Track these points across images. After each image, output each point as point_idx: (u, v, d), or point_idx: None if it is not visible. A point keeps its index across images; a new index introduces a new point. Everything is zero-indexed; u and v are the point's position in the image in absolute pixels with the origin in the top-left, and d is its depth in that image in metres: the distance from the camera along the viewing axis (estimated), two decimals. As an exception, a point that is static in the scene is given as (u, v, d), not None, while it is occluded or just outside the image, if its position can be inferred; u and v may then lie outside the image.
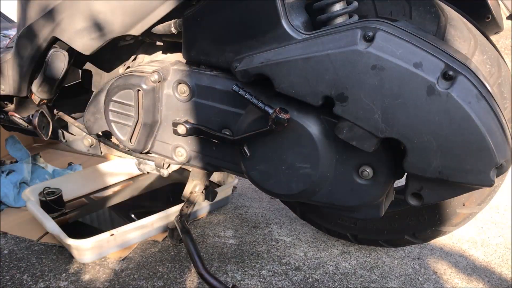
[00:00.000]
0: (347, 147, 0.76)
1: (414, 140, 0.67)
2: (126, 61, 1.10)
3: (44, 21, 0.94)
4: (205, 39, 0.85)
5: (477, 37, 0.82)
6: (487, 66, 0.82)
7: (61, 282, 1.11)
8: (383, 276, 1.15)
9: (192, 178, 1.08)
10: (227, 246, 1.26)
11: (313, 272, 1.16)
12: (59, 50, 0.99)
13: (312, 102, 0.73)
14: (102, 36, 0.91)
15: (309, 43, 0.73)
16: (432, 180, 0.70)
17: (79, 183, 1.51)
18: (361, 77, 0.68)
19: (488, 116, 0.65)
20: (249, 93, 0.79)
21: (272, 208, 1.48)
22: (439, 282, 1.12)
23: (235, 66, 0.80)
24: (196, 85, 0.89)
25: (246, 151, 0.85)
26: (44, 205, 1.33)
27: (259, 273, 1.15)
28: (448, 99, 0.64)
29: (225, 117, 0.88)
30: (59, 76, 1.01)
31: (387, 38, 0.67)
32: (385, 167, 0.78)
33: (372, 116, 0.68)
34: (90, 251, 1.16)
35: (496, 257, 1.22)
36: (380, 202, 0.84)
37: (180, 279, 1.12)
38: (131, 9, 0.86)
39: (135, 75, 0.94)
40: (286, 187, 0.85)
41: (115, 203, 1.49)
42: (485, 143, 0.64)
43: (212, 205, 1.43)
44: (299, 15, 0.80)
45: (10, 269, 1.15)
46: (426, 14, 0.82)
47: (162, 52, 1.07)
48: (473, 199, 0.98)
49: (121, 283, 1.10)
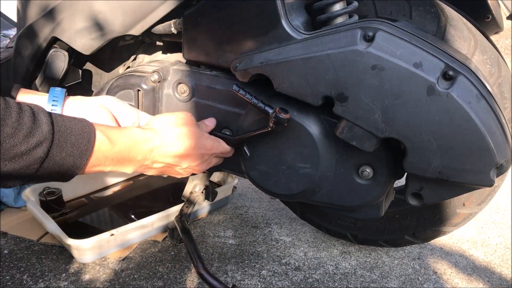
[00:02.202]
0: (347, 147, 0.76)
1: (414, 140, 0.67)
2: (126, 61, 1.10)
3: (44, 21, 0.94)
4: (205, 39, 0.85)
5: (477, 37, 0.82)
6: (487, 66, 0.82)
7: (61, 282, 1.11)
8: (383, 276, 1.15)
9: (192, 178, 1.08)
10: (227, 246, 1.26)
11: (313, 272, 1.16)
12: (59, 50, 0.99)
13: (312, 102, 0.73)
14: (102, 36, 0.91)
15: (309, 43, 0.73)
16: (432, 180, 0.70)
17: (79, 183, 1.51)
18: (361, 77, 0.68)
19: (488, 116, 0.65)
20: (249, 93, 0.79)
21: (272, 208, 1.48)
22: (439, 282, 1.12)
23: (235, 66, 0.80)
24: (196, 85, 0.89)
25: (246, 151, 0.85)
26: (44, 205, 1.33)
27: (259, 273, 1.15)
28: (448, 99, 0.64)
29: (225, 117, 0.88)
30: (59, 76, 1.01)
31: (387, 38, 0.67)
32: (385, 167, 0.78)
33: (372, 116, 0.68)
34: (90, 251, 1.16)
35: (496, 257, 1.22)
36: (380, 202, 0.84)
37: (180, 279, 1.12)
38: (131, 9, 0.86)
39: (135, 75, 0.94)
40: (286, 187, 0.85)
41: (115, 203, 1.49)
42: (485, 143, 0.64)
43: (212, 205, 1.43)
44: (299, 15, 0.80)
45: (10, 269, 1.15)
46: (426, 14, 0.82)
47: (162, 52, 1.07)
48: (473, 199, 0.98)
49: (121, 283, 1.10)
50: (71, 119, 0.59)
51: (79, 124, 0.59)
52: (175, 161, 0.74)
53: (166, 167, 0.75)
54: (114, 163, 0.65)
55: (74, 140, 0.57)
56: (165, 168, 0.75)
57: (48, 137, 0.54)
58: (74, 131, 0.58)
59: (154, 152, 0.71)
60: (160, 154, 0.71)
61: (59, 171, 0.57)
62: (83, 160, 0.59)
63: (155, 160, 0.72)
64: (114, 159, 0.64)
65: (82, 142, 0.58)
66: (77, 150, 0.58)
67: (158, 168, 0.74)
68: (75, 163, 0.58)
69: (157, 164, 0.73)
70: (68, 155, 0.57)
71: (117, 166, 0.66)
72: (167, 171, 0.77)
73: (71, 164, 0.58)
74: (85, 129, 0.59)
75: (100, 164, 0.62)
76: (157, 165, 0.73)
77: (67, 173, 0.59)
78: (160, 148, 0.71)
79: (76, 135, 0.58)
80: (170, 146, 0.72)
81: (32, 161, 0.53)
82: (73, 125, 0.58)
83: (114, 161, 0.65)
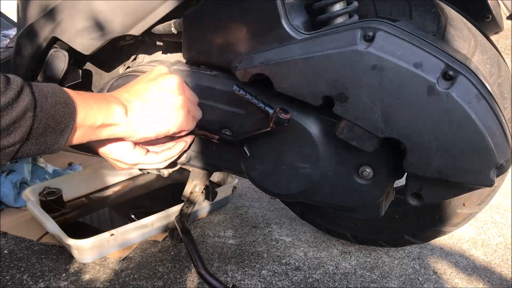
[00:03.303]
0: (347, 147, 0.76)
1: (414, 140, 0.67)
2: (126, 61, 1.10)
3: (44, 21, 0.94)
4: (205, 39, 0.85)
5: (477, 37, 0.82)
6: (487, 66, 0.82)
7: (61, 282, 1.11)
8: (383, 276, 1.15)
9: (192, 178, 1.08)
10: (227, 246, 1.26)
11: (313, 272, 1.16)
12: (59, 50, 0.99)
13: (312, 102, 0.73)
14: (102, 36, 0.91)
15: (309, 43, 0.73)
16: (432, 180, 0.70)
17: (79, 183, 1.51)
18: (361, 77, 0.68)
19: (488, 116, 0.65)
20: (249, 93, 0.79)
21: (272, 208, 1.48)
22: (439, 282, 1.12)
23: (235, 66, 0.80)
24: (196, 85, 0.89)
25: (246, 151, 0.85)
26: (44, 205, 1.33)
27: (259, 273, 1.15)
28: (448, 99, 0.64)
29: (225, 117, 0.88)
30: (59, 76, 1.01)
31: (387, 38, 0.67)
32: (385, 167, 0.78)
33: (372, 116, 0.68)
34: (90, 251, 1.16)
35: (496, 257, 1.22)
36: (380, 202, 0.84)
37: (180, 279, 1.12)
38: (131, 9, 0.86)
39: (135, 75, 0.94)
40: (286, 187, 0.85)
41: (115, 203, 1.49)
42: (485, 143, 0.64)
43: (212, 205, 1.43)
44: (299, 15, 0.80)
45: (10, 269, 1.15)
46: (426, 14, 0.82)
47: (162, 52, 1.07)
48: (473, 199, 0.98)
49: (121, 283, 1.10)
50: (45, 85, 0.61)
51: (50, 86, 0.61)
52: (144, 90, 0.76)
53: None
54: (97, 102, 0.66)
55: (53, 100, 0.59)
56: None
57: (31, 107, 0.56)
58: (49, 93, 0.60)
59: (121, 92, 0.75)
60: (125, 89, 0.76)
61: (52, 125, 0.59)
62: (71, 107, 0.61)
63: (126, 97, 0.74)
64: (95, 98, 0.67)
65: (61, 97, 0.60)
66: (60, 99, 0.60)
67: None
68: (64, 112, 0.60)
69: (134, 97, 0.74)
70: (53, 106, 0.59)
71: (101, 108, 0.67)
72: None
73: (62, 113, 0.60)
74: (55, 88, 0.61)
75: (87, 106, 0.64)
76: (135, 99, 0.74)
77: (60, 126, 0.60)
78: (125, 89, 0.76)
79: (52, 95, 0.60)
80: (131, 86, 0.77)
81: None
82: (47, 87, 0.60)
83: (96, 100, 0.66)
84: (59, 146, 0.62)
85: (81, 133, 0.64)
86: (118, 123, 0.70)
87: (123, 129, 0.71)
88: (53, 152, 0.62)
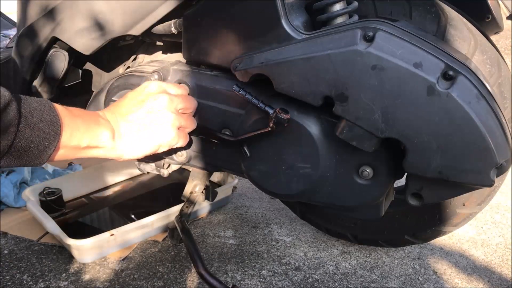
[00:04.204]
0: (347, 147, 0.76)
1: (414, 140, 0.67)
2: (126, 61, 1.10)
3: (44, 21, 0.94)
4: (205, 39, 0.85)
5: (477, 37, 0.82)
6: (487, 66, 0.82)
7: (61, 282, 1.11)
8: (383, 276, 1.15)
9: (192, 178, 1.08)
10: (227, 246, 1.26)
11: (313, 272, 1.16)
12: (59, 50, 0.99)
13: (312, 102, 0.73)
14: (102, 36, 0.91)
15: (309, 43, 0.73)
16: (432, 180, 0.70)
17: (79, 183, 1.51)
18: (361, 77, 0.68)
19: (488, 116, 0.65)
20: (249, 93, 0.79)
21: (272, 208, 1.48)
22: (439, 282, 1.12)
23: (235, 66, 0.80)
24: (196, 85, 0.89)
25: (246, 151, 0.85)
26: (44, 205, 1.33)
27: (259, 273, 1.15)
28: (448, 99, 0.64)
29: (225, 117, 0.88)
30: (59, 76, 1.01)
31: (387, 38, 0.67)
32: (385, 167, 0.78)
33: (372, 116, 0.68)
34: (90, 251, 1.16)
35: (496, 257, 1.22)
36: (380, 202, 0.84)
37: (180, 279, 1.12)
38: (131, 9, 0.86)
39: (135, 75, 0.94)
40: (286, 187, 0.85)
41: (115, 203, 1.49)
42: (485, 143, 0.64)
43: (212, 205, 1.43)
44: (299, 15, 0.80)
45: (10, 269, 1.15)
46: (426, 14, 0.82)
47: (162, 52, 1.07)
48: (473, 199, 0.98)
49: (121, 283, 1.10)
50: (33, 100, 0.63)
51: (38, 101, 0.63)
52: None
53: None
54: (85, 123, 0.68)
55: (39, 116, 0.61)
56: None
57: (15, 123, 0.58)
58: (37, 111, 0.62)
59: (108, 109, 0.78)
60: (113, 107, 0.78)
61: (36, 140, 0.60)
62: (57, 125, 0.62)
63: (113, 111, 0.76)
64: (84, 118, 0.68)
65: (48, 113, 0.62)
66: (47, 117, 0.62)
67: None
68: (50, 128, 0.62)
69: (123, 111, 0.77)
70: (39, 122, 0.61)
71: (88, 130, 0.68)
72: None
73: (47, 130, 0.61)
74: (43, 102, 0.63)
75: (74, 126, 0.66)
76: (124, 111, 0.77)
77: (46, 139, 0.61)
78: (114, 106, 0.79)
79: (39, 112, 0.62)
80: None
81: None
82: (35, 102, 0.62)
83: (85, 120, 0.68)
84: (41, 162, 0.63)
85: (64, 152, 0.66)
86: (104, 146, 0.71)
87: (109, 152, 0.73)
88: (35, 166, 0.63)
